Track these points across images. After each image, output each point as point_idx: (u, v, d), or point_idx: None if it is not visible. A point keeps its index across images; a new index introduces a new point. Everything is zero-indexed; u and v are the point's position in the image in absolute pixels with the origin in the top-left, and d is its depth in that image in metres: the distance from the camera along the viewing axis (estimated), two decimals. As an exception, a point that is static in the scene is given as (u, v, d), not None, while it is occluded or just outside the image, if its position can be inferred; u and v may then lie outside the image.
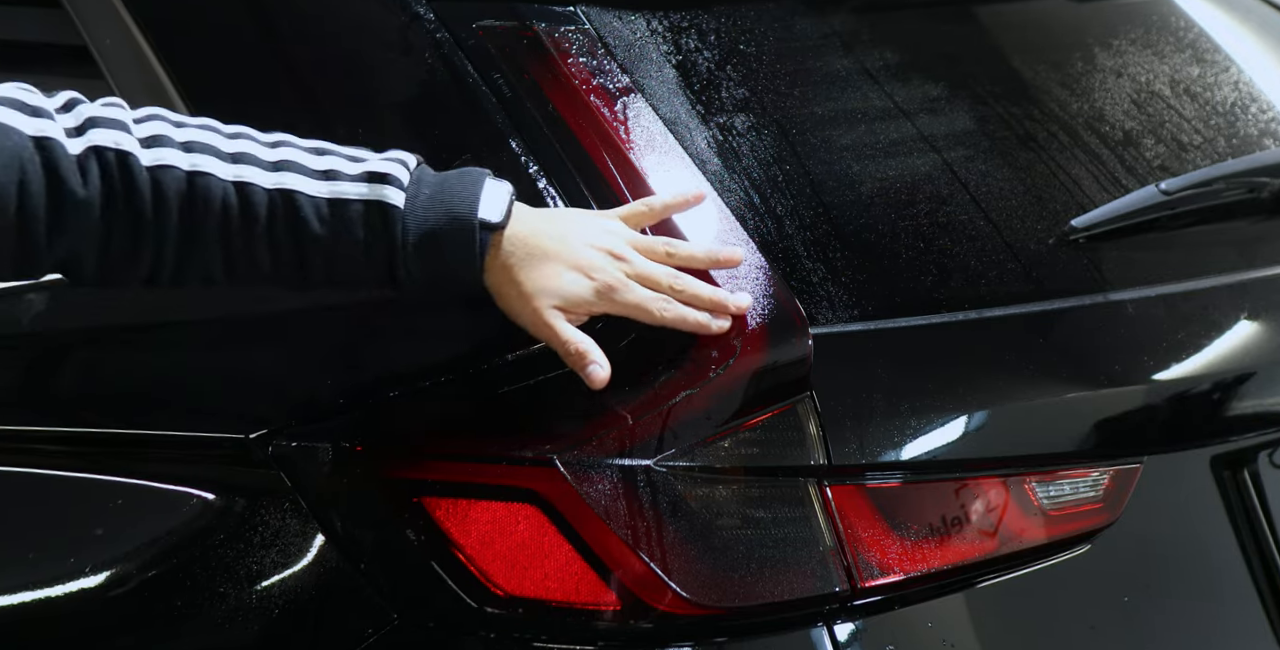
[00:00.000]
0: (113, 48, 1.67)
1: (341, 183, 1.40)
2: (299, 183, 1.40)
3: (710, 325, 1.45)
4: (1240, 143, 1.98)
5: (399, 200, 1.40)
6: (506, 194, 1.42)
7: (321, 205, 1.39)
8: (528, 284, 1.42)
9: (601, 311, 1.44)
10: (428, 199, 1.41)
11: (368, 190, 1.40)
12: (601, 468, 1.43)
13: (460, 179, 1.42)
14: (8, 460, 1.64)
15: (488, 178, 1.43)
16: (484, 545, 1.44)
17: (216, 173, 1.38)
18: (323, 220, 1.39)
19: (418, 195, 1.41)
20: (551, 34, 1.60)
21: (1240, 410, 1.79)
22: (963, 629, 1.58)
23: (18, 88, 1.37)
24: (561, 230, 1.44)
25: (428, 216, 1.40)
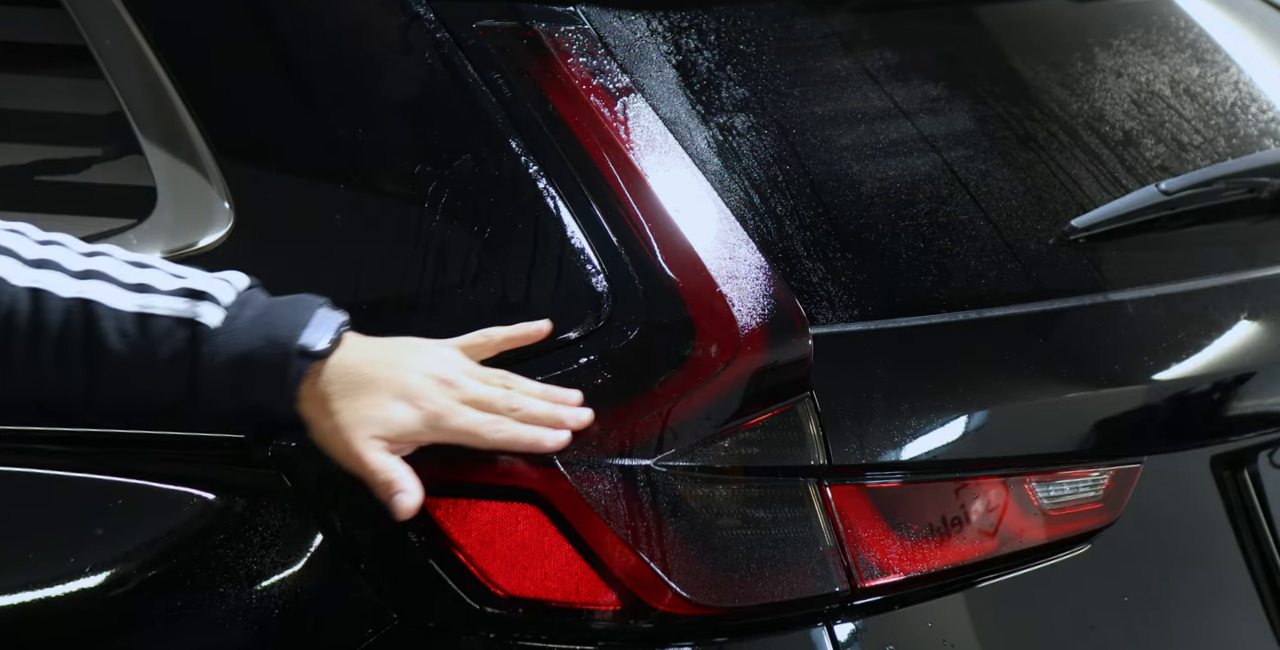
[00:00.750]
0: (113, 48, 1.67)
1: (153, 296, 1.36)
2: (104, 293, 1.34)
3: (544, 441, 1.39)
4: (1240, 143, 1.98)
5: (214, 319, 1.35)
6: (337, 322, 1.38)
7: (125, 318, 1.34)
8: (344, 414, 1.36)
9: (429, 440, 1.39)
10: (248, 321, 1.36)
11: (182, 306, 1.35)
12: (601, 468, 1.43)
13: (290, 304, 1.38)
14: (8, 460, 1.64)
15: (322, 306, 1.38)
16: (484, 545, 1.44)
17: (9, 278, 1.34)
18: (124, 334, 1.34)
19: (238, 316, 1.36)
20: (551, 34, 1.60)
21: (1240, 410, 1.79)
22: (963, 629, 1.58)
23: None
24: (391, 358, 1.40)
25: (243, 339, 1.35)
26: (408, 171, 1.55)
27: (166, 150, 1.62)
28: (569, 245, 1.49)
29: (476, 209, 1.52)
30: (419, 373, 1.39)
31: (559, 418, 1.41)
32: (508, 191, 1.52)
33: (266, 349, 1.35)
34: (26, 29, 1.79)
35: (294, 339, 1.35)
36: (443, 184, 1.52)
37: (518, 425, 1.40)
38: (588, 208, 1.50)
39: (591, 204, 1.50)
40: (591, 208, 1.50)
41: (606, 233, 1.49)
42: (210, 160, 1.59)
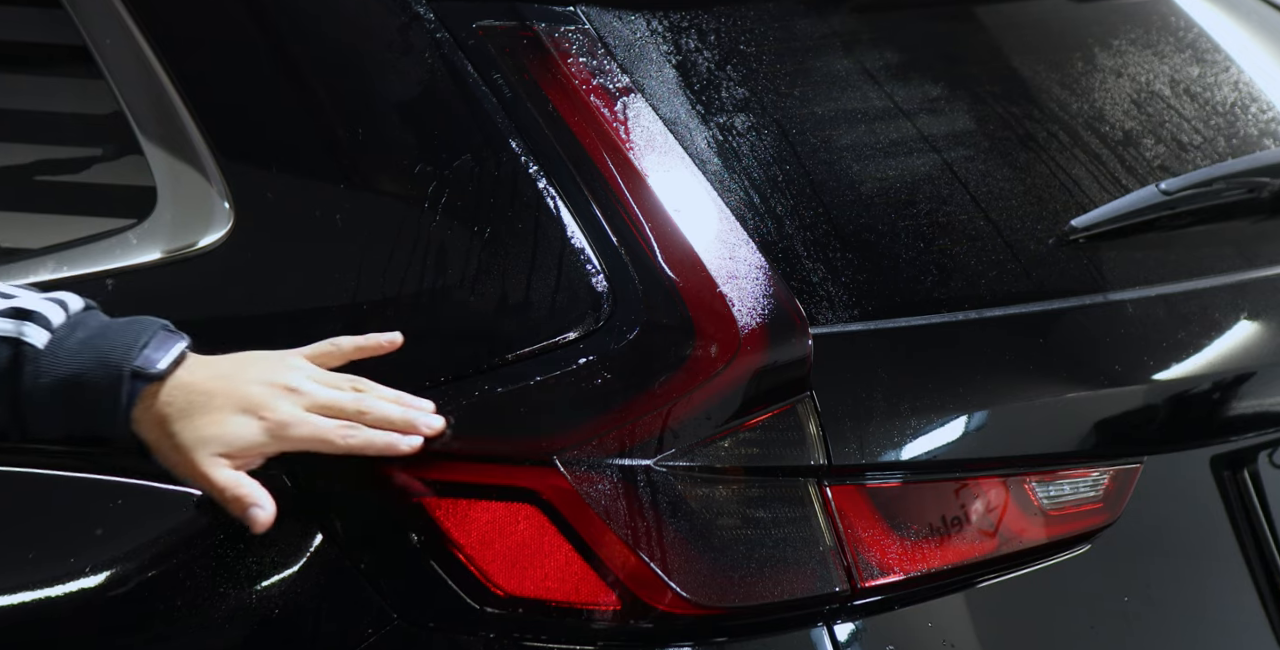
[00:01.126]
0: (113, 48, 1.67)
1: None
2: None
3: (399, 445, 1.38)
4: (1240, 143, 1.98)
5: (39, 340, 1.33)
6: (178, 345, 1.36)
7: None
8: (183, 435, 1.34)
9: (277, 450, 1.37)
10: (78, 343, 1.34)
11: (7, 326, 1.33)
12: (601, 468, 1.43)
13: (127, 326, 1.36)
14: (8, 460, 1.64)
15: (161, 328, 1.36)
16: (484, 545, 1.44)
17: None
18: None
19: (67, 338, 1.34)
20: (551, 34, 1.60)
21: (1240, 410, 1.79)
22: (963, 629, 1.58)
23: None
24: (230, 371, 1.38)
25: (72, 361, 1.32)
26: (408, 171, 1.55)
27: (166, 150, 1.62)
28: (569, 245, 1.49)
29: (476, 209, 1.52)
30: (260, 383, 1.36)
31: (411, 421, 1.39)
32: (508, 191, 1.52)
33: (97, 371, 1.32)
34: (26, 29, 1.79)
35: (128, 361, 1.32)
36: (443, 184, 1.52)
37: (369, 429, 1.37)
38: (588, 208, 1.50)
39: (591, 204, 1.50)
40: (591, 208, 1.50)
41: (606, 233, 1.49)
42: (210, 160, 1.59)
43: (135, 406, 1.34)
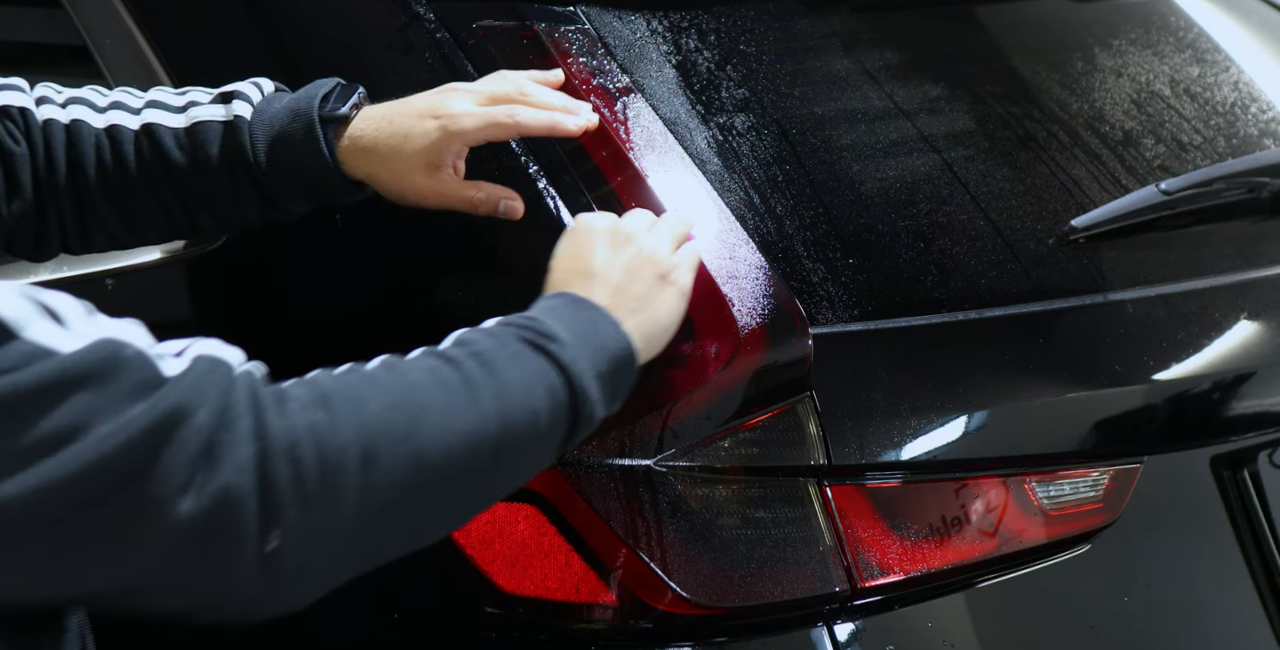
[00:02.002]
0: (113, 48, 1.67)
1: (198, 108, 1.46)
2: (160, 117, 1.45)
3: (562, 123, 1.45)
4: (1240, 143, 1.98)
5: (246, 112, 1.45)
6: (354, 92, 1.46)
7: (180, 134, 1.45)
8: (388, 161, 1.42)
9: (462, 144, 1.43)
10: (275, 109, 1.45)
11: (221, 111, 1.45)
12: (601, 468, 1.43)
13: (309, 88, 1.46)
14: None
15: (337, 83, 1.46)
16: (484, 545, 1.44)
17: (89, 120, 1.44)
18: (182, 147, 1.44)
19: (267, 109, 1.45)
20: (551, 34, 1.60)
21: (1240, 410, 1.79)
22: (963, 629, 1.58)
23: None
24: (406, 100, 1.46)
25: (273, 121, 1.44)
26: (408, 171, 1.54)
27: (166, 150, 1.62)
28: (569, 245, 1.48)
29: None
30: (432, 92, 1.46)
31: (568, 106, 1.47)
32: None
33: (293, 124, 1.43)
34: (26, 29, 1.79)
35: (312, 109, 1.43)
36: (443, 184, 1.52)
37: (531, 108, 1.44)
38: (588, 208, 1.50)
39: (591, 204, 1.50)
40: (591, 208, 1.50)
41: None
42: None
43: (337, 148, 1.43)
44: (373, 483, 1.10)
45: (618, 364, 1.28)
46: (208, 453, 1.04)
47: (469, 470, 1.17)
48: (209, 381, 1.06)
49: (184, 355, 1.09)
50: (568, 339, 1.25)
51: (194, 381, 1.06)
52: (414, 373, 1.17)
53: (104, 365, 1.03)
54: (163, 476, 1.02)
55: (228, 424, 1.05)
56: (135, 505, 1.02)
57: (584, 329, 1.27)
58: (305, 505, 1.07)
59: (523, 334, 1.24)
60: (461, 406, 1.16)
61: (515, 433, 1.19)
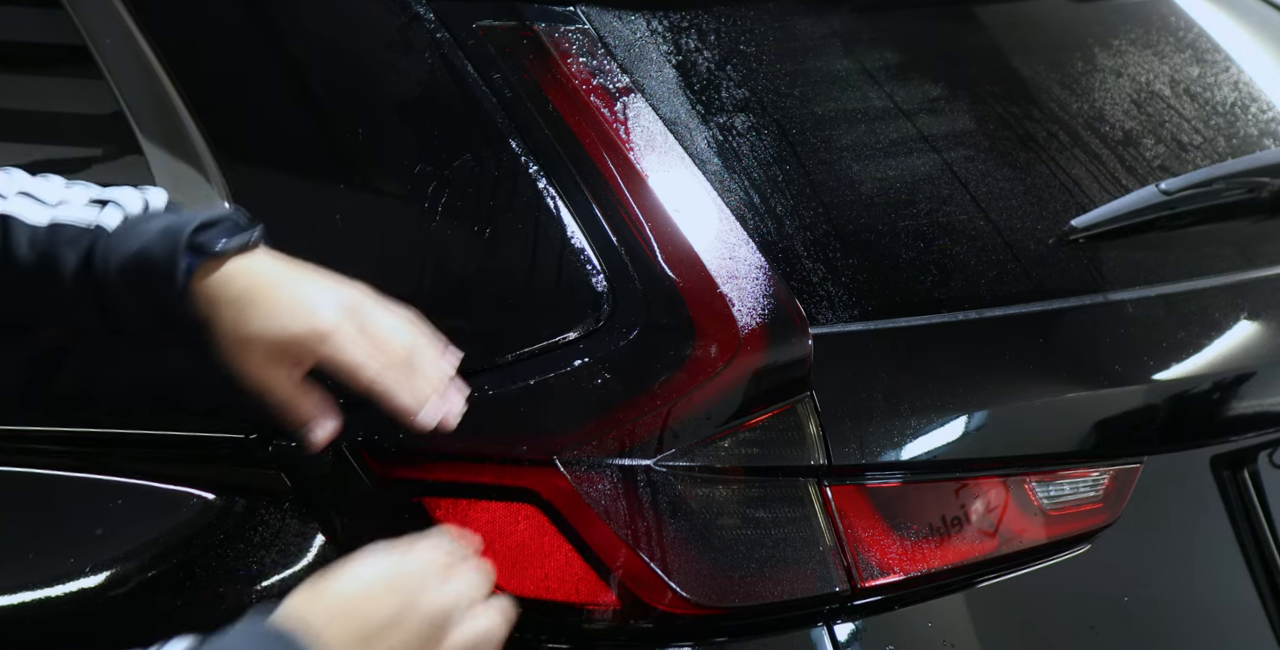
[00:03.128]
0: (113, 48, 1.67)
1: (66, 208, 1.38)
2: (24, 210, 1.37)
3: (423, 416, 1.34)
4: (1240, 143, 1.98)
5: (113, 222, 1.36)
6: (246, 234, 1.36)
7: (39, 232, 1.36)
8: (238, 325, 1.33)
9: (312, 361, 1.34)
10: (149, 224, 1.36)
11: (90, 215, 1.37)
12: (601, 468, 1.43)
13: (198, 212, 1.38)
14: (8, 460, 1.64)
15: (234, 216, 1.38)
16: (484, 545, 1.44)
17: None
18: (35, 245, 1.36)
19: (141, 222, 1.36)
20: (551, 34, 1.60)
21: (1240, 410, 1.79)
22: (963, 629, 1.58)
23: None
24: (300, 274, 1.37)
25: (139, 237, 1.35)
26: (408, 171, 1.55)
27: (166, 150, 1.62)
28: (569, 245, 1.49)
29: (476, 209, 1.52)
30: (326, 289, 1.35)
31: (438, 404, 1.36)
32: (508, 191, 1.52)
33: (159, 242, 1.33)
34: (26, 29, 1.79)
35: (185, 233, 1.33)
36: (443, 184, 1.52)
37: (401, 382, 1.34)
38: (588, 208, 1.50)
39: (591, 204, 1.50)
40: (591, 208, 1.50)
41: (606, 233, 1.49)
42: (210, 160, 1.59)
43: (194, 279, 1.34)
44: None
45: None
46: None
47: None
48: None
49: None
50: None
51: None
52: None
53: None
54: None
55: None
56: None
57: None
58: None
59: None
60: None
61: None
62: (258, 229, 1.38)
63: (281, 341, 1.33)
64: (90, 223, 1.37)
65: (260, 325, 1.33)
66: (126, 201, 1.38)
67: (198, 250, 1.34)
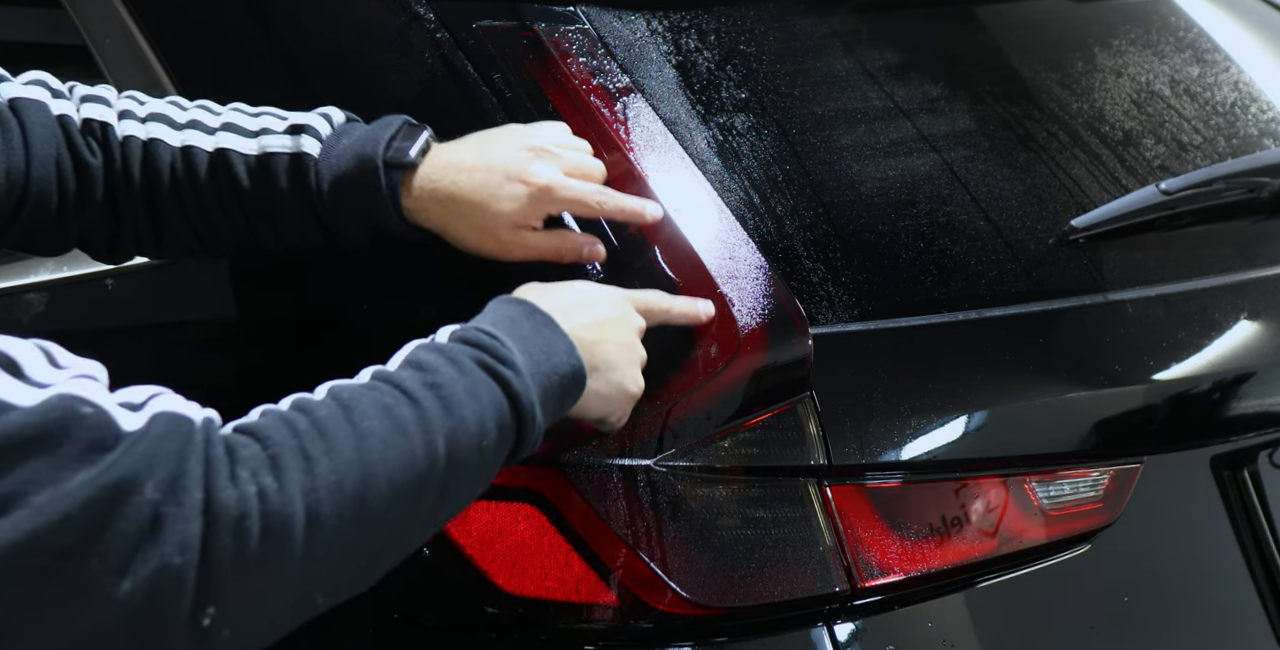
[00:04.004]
0: (113, 48, 1.67)
1: (270, 137, 1.45)
2: (234, 141, 1.45)
3: (647, 212, 1.46)
4: (1240, 143, 1.98)
5: (314, 149, 1.44)
6: (422, 135, 1.44)
7: (251, 161, 1.44)
8: (470, 216, 1.42)
9: (548, 211, 1.44)
10: (342, 147, 1.44)
11: (290, 142, 1.44)
12: (601, 468, 1.43)
13: (374, 126, 1.45)
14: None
15: (404, 122, 1.45)
16: (484, 545, 1.44)
17: (166, 139, 1.44)
18: (252, 176, 1.44)
19: (334, 145, 1.44)
20: (551, 34, 1.60)
21: (1240, 410, 1.79)
22: (963, 629, 1.58)
23: (40, 73, 1.46)
24: (480, 146, 1.45)
25: (338, 162, 1.43)
26: (408, 171, 1.55)
27: (166, 150, 1.62)
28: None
29: (476, 209, 1.52)
30: (515, 148, 1.44)
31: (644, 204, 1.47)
32: (508, 191, 1.52)
33: (357, 167, 1.42)
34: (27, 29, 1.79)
35: (376, 154, 1.42)
36: (443, 184, 1.52)
37: (620, 195, 1.45)
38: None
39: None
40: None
41: (606, 233, 1.49)
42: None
43: (402, 196, 1.43)
44: (316, 547, 1.08)
45: (565, 388, 1.29)
46: (152, 527, 1.00)
47: (414, 514, 1.17)
48: (163, 449, 1.03)
49: (144, 409, 1.06)
50: (523, 364, 1.25)
51: (146, 448, 1.02)
52: (368, 418, 1.14)
53: (57, 425, 0.99)
54: (101, 554, 0.98)
55: (177, 497, 1.02)
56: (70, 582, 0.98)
57: (539, 351, 1.27)
58: (245, 577, 1.04)
59: (480, 358, 1.23)
60: (415, 455, 1.15)
61: (463, 472, 1.19)
62: (428, 128, 1.45)
63: (517, 214, 1.42)
64: (290, 149, 1.44)
65: (493, 211, 1.42)
66: (315, 124, 1.45)
67: (393, 166, 1.42)
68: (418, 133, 1.44)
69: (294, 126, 1.45)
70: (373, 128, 1.45)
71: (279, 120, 1.47)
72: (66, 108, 1.43)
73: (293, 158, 1.44)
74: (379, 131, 1.44)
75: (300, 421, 1.13)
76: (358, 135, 1.45)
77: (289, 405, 1.16)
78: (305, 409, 1.14)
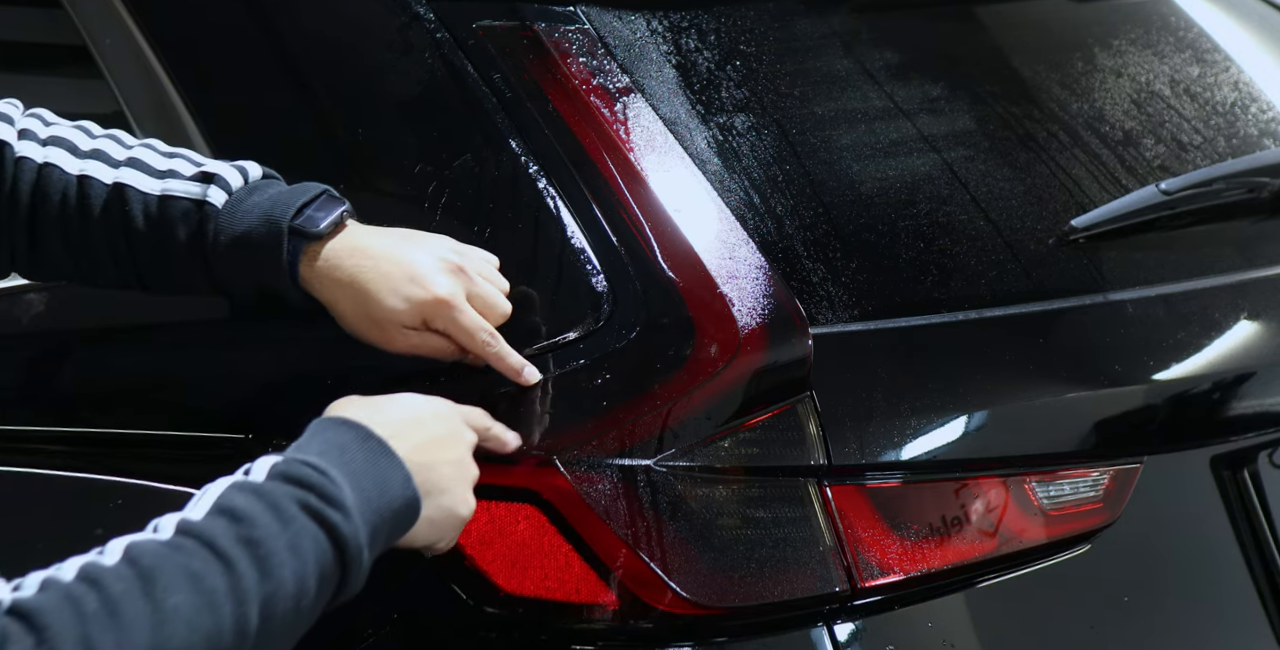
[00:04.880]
0: (113, 48, 1.67)
1: (175, 181, 1.42)
2: (136, 179, 1.41)
3: (526, 374, 1.42)
4: (1240, 143, 1.98)
5: (219, 200, 1.40)
6: (338, 209, 1.40)
7: (151, 201, 1.41)
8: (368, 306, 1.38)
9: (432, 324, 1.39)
10: (251, 204, 1.40)
11: (196, 189, 1.41)
12: (601, 468, 1.43)
13: (291, 190, 1.41)
14: (8, 460, 1.64)
15: (324, 192, 1.41)
16: (484, 545, 1.44)
17: (63, 166, 1.42)
18: (149, 216, 1.40)
19: (243, 200, 1.40)
20: (551, 34, 1.60)
21: (1240, 410, 1.79)
22: (963, 629, 1.58)
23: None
24: (398, 240, 1.41)
25: (243, 218, 1.39)
26: (408, 171, 1.55)
27: (166, 150, 1.62)
28: (569, 245, 1.49)
29: (476, 209, 1.52)
30: (431, 254, 1.41)
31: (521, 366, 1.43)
32: (508, 191, 1.52)
33: (262, 229, 1.38)
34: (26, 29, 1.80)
35: (286, 219, 1.38)
36: (443, 184, 1.52)
37: (507, 346, 1.41)
38: (588, 208, 1.50)
39: (591, 204, 1.51)
40: (591, 208, 1.50)
41: (606, 233, 1.49)
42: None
43: (301, 264, 1.39)
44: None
45: (396, 523, 1.24)
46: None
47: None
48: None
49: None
50: (354, 504, 1.17)
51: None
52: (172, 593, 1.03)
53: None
54: None
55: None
56: None
57: (372, 486, 1.21)
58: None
59: (305, 501, 1.15)
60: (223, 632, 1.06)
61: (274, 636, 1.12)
62: (346, 202, 1.42)
63: (407, 317, 1.38)
64: (195, 196, 1.41)
65: (386, 306, 1.38)
66: (227, 175, 1.42)
67: (300, 234, 1.38)
68: (335, 205, 1.40)
69: (204, 174, 1.42)
70: (288, 190, 1.41)
71: (191, 164, 1.43)
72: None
73: (194, 204, 1.40)
74: (293, 196, 1.40)
75: (89, 601, 1.01)
76: (269, 194, 1.41)
77: (76, 574, 1.03)
78: (96, 581, 1.02)
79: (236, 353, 1.61)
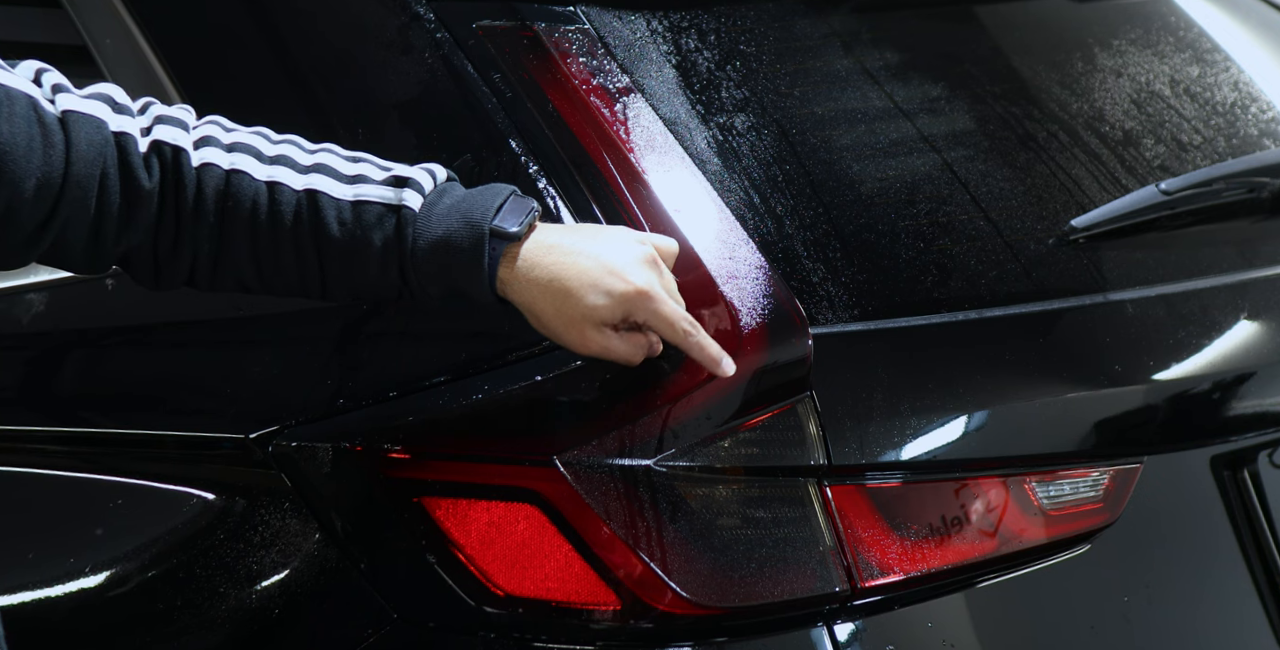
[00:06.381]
0: (113, 48, 1.67)
1: (366, 186, 1.40)
2: (327, 185, 1.39)
3: (725, 365, 1.41)
4: (1240, 143, 1.98)
5: (415, 204, 1.39)
6: (528, 208, 1.40)
7: (345, 208, 1.39)
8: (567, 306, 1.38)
9: (630, 318, 1.39)
10: (446, 207, 1.39)
11: (390, 194, 1.39)
12: (601, 468, 1.43)
13: (482, 191, 1.41)
14: (8, 460, 1.64)
15: (513, 193, 1.41)
16: (484, 545, 1.44)
17: (252, 172, 1.39)
18: (343, 223, 1.39)
19: (436, 203, 1.39)
20: (551, 34, 1.60)
21: (1240, 410, 1.79)
22: (963, 629, 1.58)
23: (109, 86, 1.41)
24: (593, 234, 1.42)
25: (441, 223, 1.38)
26: (408, 171, 1.55)
27: (166, 150, 1.62)
28: (569, 245, 1.48)
29: (476, 209, 1.52)
30: (624, 246, 1.40)
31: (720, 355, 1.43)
32: (508, 191, 1.52)
33: (462, 232, 1.38)
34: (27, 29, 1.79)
35: (485, 221, 1.38)
36: (443, 184, 1.52)
37: (705, 335, 1.41)
38: (588, 208, 1.50)
39: (591, 204, 1.51)
40: (591, 208, 1.50)
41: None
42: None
43: (500, 266, 1.39)
44: None
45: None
46: None
47: None
48: None
49: None
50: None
51: None
52: None
53: None
54: None
55: None
56: None
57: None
58: None
59: None
60: None
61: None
62: (534, 201, 1.41)
63: (607, 312, 1.38)
64: (390, 201, 1.40)
65: (587, 303, 1.37)
66: (419, 178, 1.41)
67: (500, 236, 1.38)
68: (526, 205, 1.40)
69: (396, 178, 1.41)
70: (479, 191, 1.41)
71: (378, 168, 1.42)
72: (128, 125, 1.37)
73: (389, 209, 1.39)
74: (487, 197, 1.40)
75: None
76: (462, 196, 1.40)
77: None
78: None
79: (236, 353, 1.61)
